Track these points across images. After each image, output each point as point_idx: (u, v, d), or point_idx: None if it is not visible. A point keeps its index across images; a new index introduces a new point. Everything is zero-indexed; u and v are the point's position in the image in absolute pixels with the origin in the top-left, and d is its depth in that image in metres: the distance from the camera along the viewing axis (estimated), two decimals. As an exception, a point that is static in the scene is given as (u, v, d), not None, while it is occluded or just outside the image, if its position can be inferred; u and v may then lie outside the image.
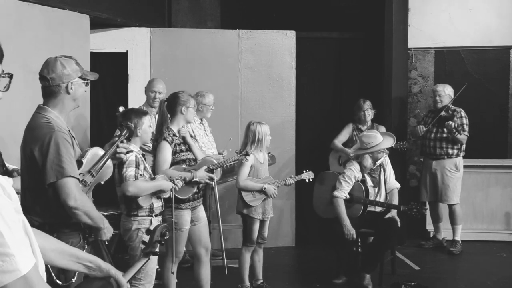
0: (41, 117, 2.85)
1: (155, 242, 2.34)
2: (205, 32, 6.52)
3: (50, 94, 2.88)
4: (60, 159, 2.74)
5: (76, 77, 2.89)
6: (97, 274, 1.95)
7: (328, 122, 7.21)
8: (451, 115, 6.24)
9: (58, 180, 2.75)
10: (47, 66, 2.88)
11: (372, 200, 5.26)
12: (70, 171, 2.76)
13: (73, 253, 1.91)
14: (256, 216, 4.81)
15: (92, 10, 5.45)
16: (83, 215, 2.82)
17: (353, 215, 5.19)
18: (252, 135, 4.80)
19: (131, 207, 3.71)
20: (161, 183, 3.78)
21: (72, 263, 1.89)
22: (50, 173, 2.75)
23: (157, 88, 5.43)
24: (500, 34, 7.18)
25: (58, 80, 2.85)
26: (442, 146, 6.33)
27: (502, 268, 5.90)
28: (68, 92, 2.87)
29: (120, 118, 3.80)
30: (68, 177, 2.75)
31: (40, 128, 2.81)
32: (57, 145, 2.75)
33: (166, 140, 4.15)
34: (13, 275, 1.30)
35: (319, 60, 7.34)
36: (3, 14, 4.56)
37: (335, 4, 7.49)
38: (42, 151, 2.76)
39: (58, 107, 2.89)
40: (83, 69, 2.97)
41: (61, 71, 2.85)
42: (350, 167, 5.28)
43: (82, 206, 2.80)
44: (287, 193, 6.51)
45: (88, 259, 1.93)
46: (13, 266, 1.30)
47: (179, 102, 4.27)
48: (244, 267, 4.91)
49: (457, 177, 6.35)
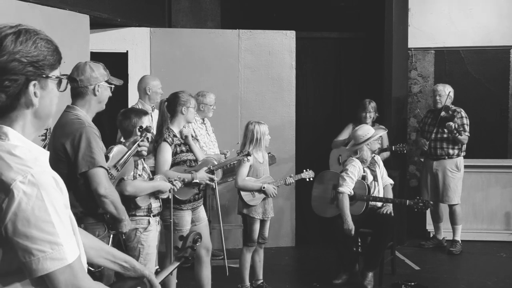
0: (71, 115, 3.10)
1: (187, 248, 2.40)
2: (205, 32, 6.52)
3: (78, 94, 3.14)
4: (91, 151, 2.98)
5: (103, 81, 3.16)
6: (131, 274, 2.00)
7: (328, 122, 7.21)
8: (451, 116, 6.23)
9: (90, 169, 2.99)
10: (77, 69, 3.14)
11: (375, 197, 5.26)
12: (100, 161, 3.01)
13: (110, 252, 1.97)
14: (256, 216, 4.81)
15: (92, 10, 5.45)
16: (110, 204, 3.05)
17: (356, 213, 5.20)
18: (251, 135, 4.80)
19: (129, 207, 3.69)
20: (160, 183, 3.77)
21: (108, 262, 1.95)
22: (82, 164, 2.98)
23: (160, 88, 5.46)
24: (500, 34, 7.19)
25: (86, 82, 3.11)
26: (443, 147, 6.33)
27: (502, 268, 5.90)
28: (95, 94, 3.14)
29: (120, 118, 3.79)
30: (99, 167, 2.99)
31: (71, 124, 3.06)
32: (88, 138, 3.00)
33: (166, 141, 4.14)
34: (60, 263, 1.39)
35: (319, 60, 7.34)
36: (3, 14, 4.56)
37: (335, 4, 7.49)
38: (73, 145, 3.00)
39: (85, 107, 3.15)
40: (109, 74, 3.22)
41: (90, 74, 3.12)
42: (352, 163, 5.29)
43: (110, 195, 3.03)
44: (287, 193, 6.50)
45: (124, 259, 1.99)
46: (61, 255, 1.39)
47: (180, 102, 4.26)
48: (245, 267, 4.91)
49: (458, 177, 6.35)
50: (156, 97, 5.47)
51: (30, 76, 1.44)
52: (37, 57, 1.44)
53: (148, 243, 3.69)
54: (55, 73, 1.51)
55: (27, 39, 1.44)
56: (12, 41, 1.42)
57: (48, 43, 1.48)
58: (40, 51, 1.45)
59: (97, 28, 5.95)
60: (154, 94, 5.44)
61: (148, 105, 5.36)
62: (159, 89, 5.48)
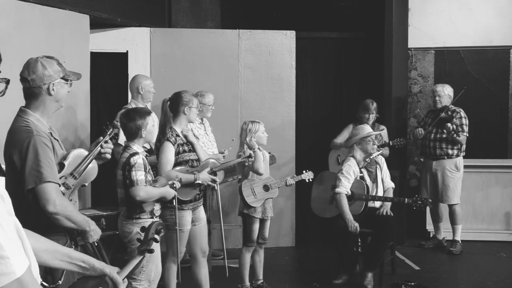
0: (22, 121, 2.80)
1: (150, 240, 2.32)
2: (205, 32, 6.51)
3: (31, 95, 2.83)
4: (38, 164, 2.69)
5: (58, 78, 2.84)
6: (91, 273, 1.94)
7: (328, 122, 7.20)
8: (450, 116, 6.23)
9: (36, 185, 2.70)
10: (28, 67, 2.82)
11: (374, 196, 5.27)
12: (48, 176, 2.71)
13: (65, 253, 1.90)
14: (256, 215, 4.81)
15: (92, 10, 5.45)
16: (64, 220, 2.78)
17: (355, 212, 5.20)
18: (244, 134, 4.82)
19: (134, 210, 3.69)
20: (166, 191, 3.78)
21: (64, 263, 1.88)
22: (28, 179, 2.71)
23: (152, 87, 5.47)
24: (500, 34, 7.19)
25: (39, 81, 2.79)
26: (442, 147, 6.33)
27: (502, 268, 5.90)
28: (50, 93, 2.82)
29: (124, 120, 3.76)
30: (46, 183, 2.71)
31: (19, 132, 2.77)
32: (35, 150, 2.70)
33: (169, 140, 4.14)
34: (8, 278, 1.29)
35: (319, 60, 7.33)
36: (3, 14, 4.56)
37: (335, 4, 7.48)
38: (21, 156, 2.72)
39: (40, 109, 2.83)
40: (66, 69, 2.92)
41: (42, 72, 2.79)
42: (347, 162, 5.32)
43: (62, 211, 2.75)
44: (287, 193, 6.50)
45: (81, 259, 1.92)
46: (8, 269, 1.29)
47: (182, 102, 4.25)
48: (245, 267, 4.92)
49: (457, 177, 6.35)
50: (149, 96, 5.47)
51: None
52: None
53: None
54: None
55: None
56: None
57: None
58: None
59: (97, 28, 5.95)
60: (147, 93, 5.45)
61: (141, 105, 5.35)
62: (152, 88, 5.49)
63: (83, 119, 5.54)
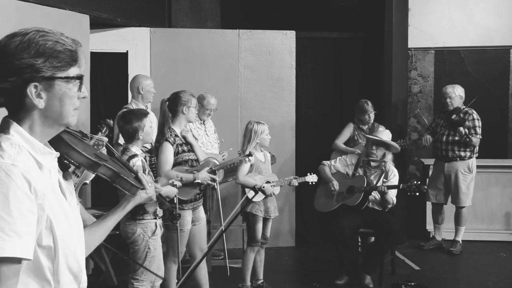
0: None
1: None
2: (205, 32, 6.51)
3: None
4: None
5: None
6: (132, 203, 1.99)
7: (328, 122, 7.20)
8: (462, 119, 6.16)
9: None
10: None
11: (372, 187, 5.23)
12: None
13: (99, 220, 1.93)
14: (259, 213, 4.80)
15: (92, 10, 5.45)
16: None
17: (352, 203, 5.22)
18: (249, 134, 4.81)
19: (137, 211, 3.69)
20: (167, 190, 3.78)
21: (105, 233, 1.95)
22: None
23: (153, 87, 5.47)
24: (500, 34, 7.19)
25: None
26: (454, 149, 6.26)
27: (502, 268, 5.90)
28: None
29: (121, 122, 3.77)
30: None
31: None
32: None
33: (168, 140, 4.14)
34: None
35: (319, 60, 7.33)
36: (3, 14, 4.56)
37: (335, 4, 7.48)
38: None
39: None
40: None
41: None
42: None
43: None
44: (287, 193, 6.50)
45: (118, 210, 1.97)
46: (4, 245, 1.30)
47: (181, 102, 4.25)
48: (247, 267, 4.92)
49: (469, 179, 6.30)
50: (149, 96, 5.47)
51: (27, 78, 1.41)
52: (36, 59, 1.41)
53: (155, 247, 3.72)
54: (64, 74, 1.48)
55: (31, 42, 1.41)
56: (15, 45, 1.40)
57: (56, 44, 1.45)
58: (41, 52, 1.42)
59: (97, 28, 5.95)
60: (147, 93, 5.45)
61: (142, 105, 5.35)
62: (152, 88, 5.49)
63: (83, 119, 5.54)
